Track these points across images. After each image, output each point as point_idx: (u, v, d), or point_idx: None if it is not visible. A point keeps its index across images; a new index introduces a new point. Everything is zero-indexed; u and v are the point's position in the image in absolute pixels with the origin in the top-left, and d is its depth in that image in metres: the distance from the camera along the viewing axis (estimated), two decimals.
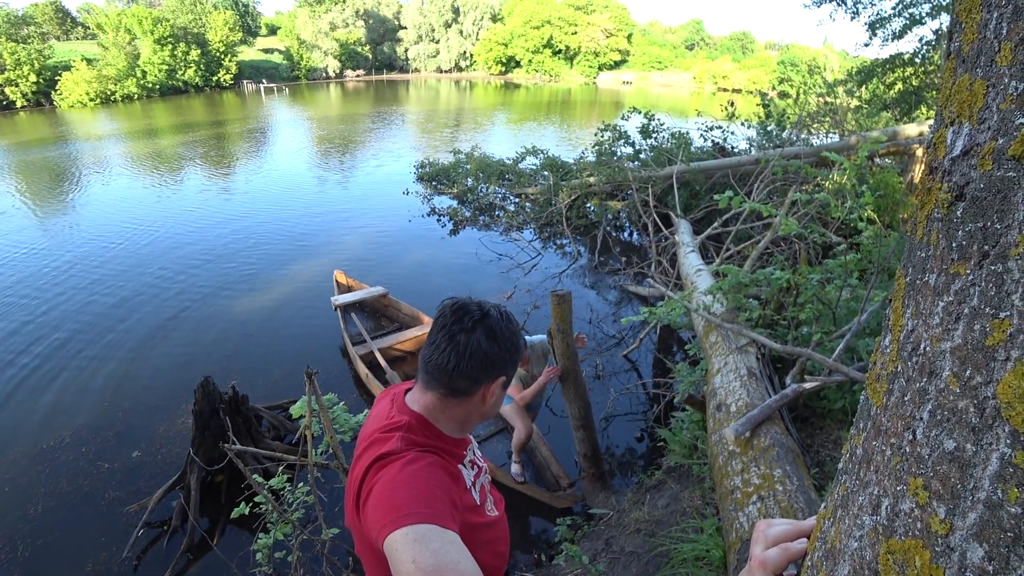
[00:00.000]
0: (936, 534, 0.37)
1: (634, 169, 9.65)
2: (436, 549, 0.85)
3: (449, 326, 1.14)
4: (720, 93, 50.42)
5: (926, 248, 0.42)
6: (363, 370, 5.17)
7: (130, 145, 19.44)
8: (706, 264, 6.06)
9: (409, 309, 6.44)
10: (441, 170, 13.22)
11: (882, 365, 0.47)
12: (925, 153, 0.45)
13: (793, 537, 0.63)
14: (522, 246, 9.22)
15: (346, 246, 9.21)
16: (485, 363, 1.13)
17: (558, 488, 4.00)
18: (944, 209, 0.39)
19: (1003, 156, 0.34)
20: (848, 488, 0.50)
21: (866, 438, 0.48)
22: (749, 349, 3.65)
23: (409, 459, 1.03)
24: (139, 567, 3.49)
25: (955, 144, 0.39)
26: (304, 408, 2.76)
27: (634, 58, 71.17)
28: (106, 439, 4.56)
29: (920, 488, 0.38)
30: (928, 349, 0.40)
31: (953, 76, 0.40)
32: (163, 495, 3.83)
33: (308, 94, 44.55)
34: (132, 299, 7.10)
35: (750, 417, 2.77)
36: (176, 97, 40.12)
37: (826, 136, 11.02)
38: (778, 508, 2.25)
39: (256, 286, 7.56)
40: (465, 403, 1.17)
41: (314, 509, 2.80)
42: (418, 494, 0.95)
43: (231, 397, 3.93)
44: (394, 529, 0.88)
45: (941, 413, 0.38)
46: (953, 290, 0.37)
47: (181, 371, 5.50)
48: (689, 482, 3.39)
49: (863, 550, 0.44)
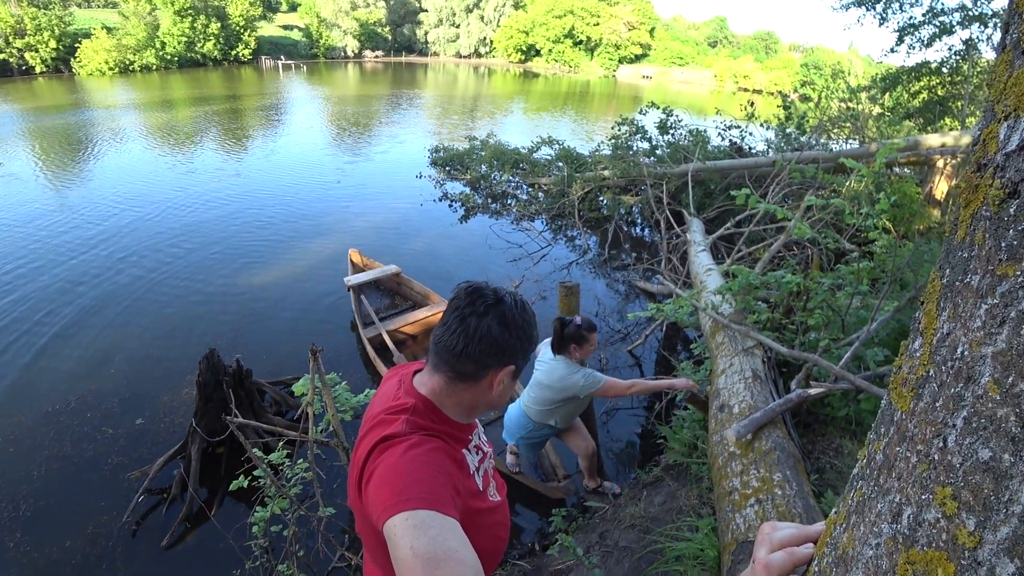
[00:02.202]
0: (963, 547, 0.35)
1: (649, 165, 9.58)
2: (435, 536, 0.84)
3: (462, 308, 1.13)
4: (740, 93, 49.87)
5: (969, 248, 0.40)
6: (371, 352, 5.22)
7: (146, 115, 19.49)
8: (717, 264, 6.02)
9: (421, 288, 6.48)
10: (455, 156, 13.17)
11: (910, 369, 0.45)
12: (969, 152, 0.43)
13: (799, 541, 0.61)
14: (532, 236, 9.18)
15: (357, 227, 9.20)
16: (494, 349, 1.11)
17: (554, 478, 4.00)
18: (994, 207, 0.37)
19: None
20: (865, 494, 0.48)
21: (888, 444, 0.46)
22: (755, 351, 3.63)
23: (413, 443, 1.03)
24: (138, 532, 3.53)
25: (1010, 139, 0.37)
26: (307, 386, 2.77)
27: (655, 53, 70.41)
28: (111, 405, 4.60)
29: (948, 498, 0.37)
30: (966, 353, 0.38)
31: (1010, 69, 0.38)
32: (164, 463, 3.87)
33: (326, 73, 44.44)
34: (143, 270, 7.14)
35: (753, 419, 2.75)
36: (194, 70, 40.10)
37: (846, 142, 10.88)
38: (776, 512, 2.24)
39: (266, 262, 7.58)
40: (472, 388, 1.15)
41: (312, 486, 2.82)
42: (420, 479, 0.95)
43: (235, 370, 3.95)
44: (394, 513, 0.88)
45: (977, 420, 0.36)
46: (999, 292, 0.36)
47: (188, 342, 5.54)
48: (687, 481, 3.38)
49: (879, 559, 0.43)
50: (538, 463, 4.20)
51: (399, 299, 6.66)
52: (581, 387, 3.15)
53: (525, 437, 3.46)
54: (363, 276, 6.43)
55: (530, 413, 3.36)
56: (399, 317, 5.90)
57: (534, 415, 3.35)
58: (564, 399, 3.24)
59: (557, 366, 3.20)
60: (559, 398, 3.23)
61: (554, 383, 3.20)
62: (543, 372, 3.27)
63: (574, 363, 3.20)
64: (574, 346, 3.18)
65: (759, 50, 73.58)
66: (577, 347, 3.18)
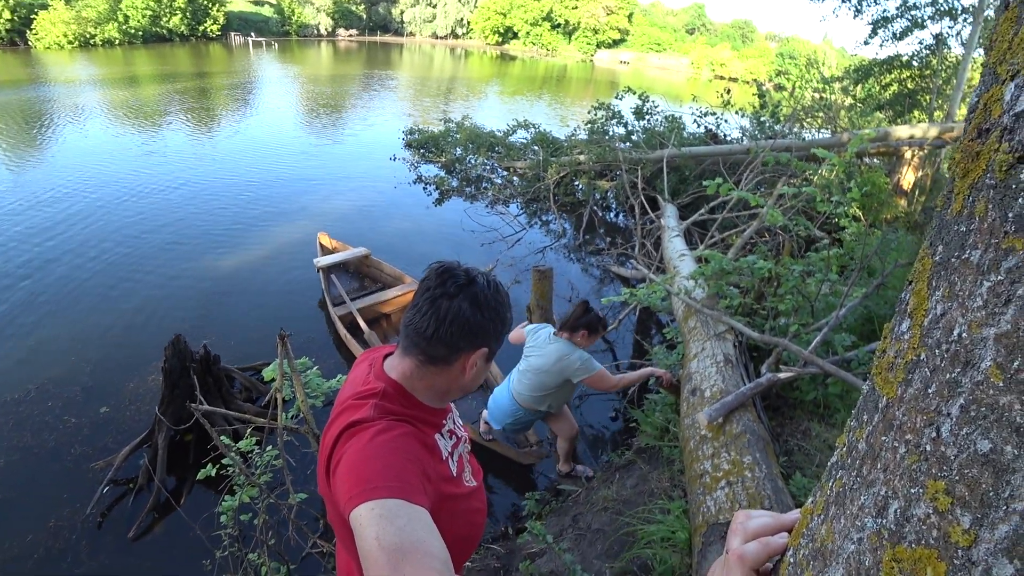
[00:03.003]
0: (956, 545, 0.33)
1: (625, 150, 9.57)
2: (402, 526, 0.81)
3: (433, 289, 1.09)
4: (717, 80, 50.16)
5: (968, 222, 0.36)
6: (342, 331, 5.15)
7: (109, 92, 18.68)
8: (690, 250, 6.06)
9: (391, 269, 6.43)
10: (430, 138, 12.98)
11: (897, 353, 0.42)
12: (965, 121, 0.40)
13: (774, 531, 0.59)
14: (507, 220, 9.12)
15: (328, 209, 9.01)
16: (466, 331, 1.08)
17: (526, 444, 4.02)
18: (1000, 173, 0.33)
19: None
20: (846, 485, 0.45)
21: (872, 432, 0.43)
22: (727, 336, 3.66)
23: (380, 428, 0.99)
24: (103, 524, 3.41)
25: (1019, 99, 0.33)
26: (276, 371, 2.70)
27: (633, 38, 70.28)
28: (73, 394, 4.42)
29: (941, 492, 0.34)
30: (964, 335, 0.35)
31: (1016, 26, 0.35)
32: (130, 453, 3.74)
33: (298, 51, 43.32)
34: (104, 253, 6.85)
35: (724, 403, 2.77)
36: (159, 45, 38.65)
37: (818, 131, 11.04)
38: (746, 494, 2.26)
39: (235, 246, 7.36)
40: (444, 372, 1.12)
41: (282, 473, 2.76)
42: (387, 466, 0.92)
43: (202, 356, 3.83)
44: (360, 503, 0.85)
45: (976, 409, 0.33)
46: (1004, 268, 0.32)
47: (154, 328, 5.35)
48: (659, 464, 3.41)
49: (862, 554, 0.40)
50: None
51: (368, 281, 6.59)
52: (576, 369, 3.14)
53: (512, 424, 3.42)
54: (332, 258, 6.38)
55: (521, 400, 3.31)
56: (370, 297, 5.85)
57: (526, 402, 3.30)
58: (559, 384, 3.21)
59: (555, 348, 3.19)
60: (555, 383, 3.20)
61: (551, 366, 3.17)
62: (538, 357, 3.23)
63: (573, 346, 3.20)
64: (584, 332, 3.18)
65: (736, 38, 74.03)
66: (587, 335, 3.19)
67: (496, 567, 2.97)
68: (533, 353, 3.27)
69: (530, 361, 3.28)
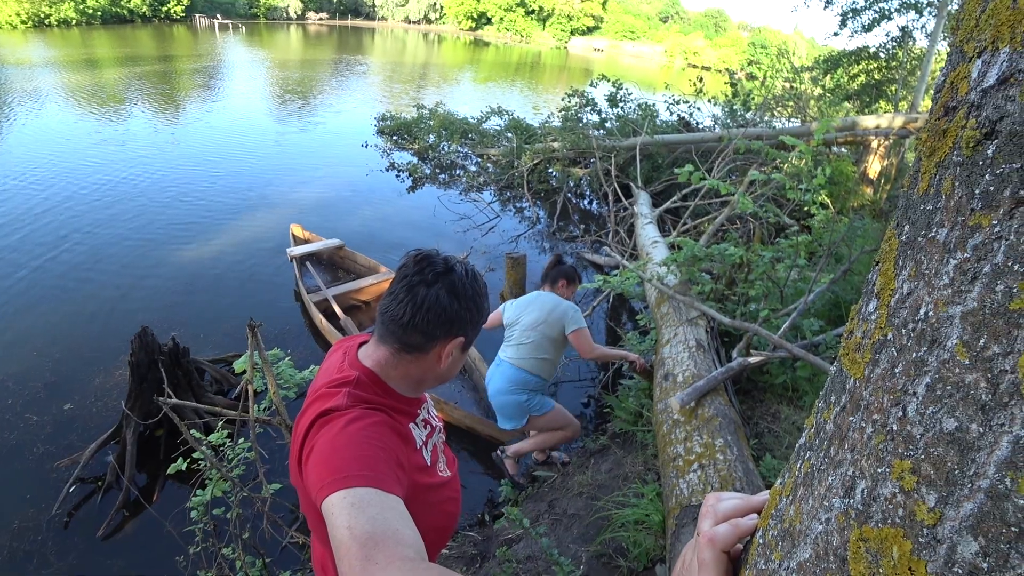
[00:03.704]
0: (921, 523, 0.33)
1: (598, 137, 9.59)
2: (374, 515, 0.79)
3: (410, 277, 1.09)
4: (690, 69, 50.48)
5: (934, 200, 0.36)
6: (318, 317, 5.10)
7: (66, 76, 17.88)
8: (663, 236, 6.11)
9: (366, 260, 6.38)
10: (402, 124, 12.81)
11: (864, 333, 0.42)
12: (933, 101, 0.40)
13: (743, 512, 0.59)
14: (481, 207, 9.07)
15: (299, 198, 8.83)
16: (442, 319, 1.07)
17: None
18: (968, 150, 0.33)
19: None
20: (813, 466, 0.46)
21: (839, 413, 0.43)
22: (699, 322, 3.71)
23: (353, 416, 0.98)
24: (70, 524, 3.30)
25: (986, 74, 0.33)
26: (247, 363, 2.64)
27: (607, 25, 70.20)
28: (35, 391, 4.26)
29: (907, 471, 0.34)
30: (931, 314, 0.34)
31: (983, 4, 0.35)
32: (96, 450, 3.63)
33: (266, 34, 42.25)
34: (65, 245, 6.58)
35: (696, 388, 2.81)
36: (119, 26, 37.24)
37: (788, 120, 11.21)
38: (718, 476, 2.31)
39: (203, 236, 7.16)
40: (419, 361, 1.11)
41: (255, 466, 2.71)
42: (360, 455, 0.90)
43: (171, 349, 3.73)
44: (332, 491, 0.83)
45: (942, 388, 0.33)
46: (971, 245, 0.32)
47: (119, 321, 5.17)
48: (633, 448, 3.45)
49: (830, 534, 0.40)
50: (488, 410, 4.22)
51: (343, 272, 6.52)
52: (571, 317, 3.19)
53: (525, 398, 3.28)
54: (305, 247, 6.31)
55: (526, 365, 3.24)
56: (345, 285, 5.81)
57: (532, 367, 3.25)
58: (557, 335, 3.22)
59: (546, 298, 3.25)
60: (554, 334, 3.21)
61: (548, 316, 3.20)
62: (531, 312, 3.26)
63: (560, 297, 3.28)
64: (564, 282, 3.27)
65: (709, 27, 74.54)
66: (567, 284, 3.27)
67: (473, 554, 2.98)
68: (522, 315, 3.29)
69: (523, 321, 3.27)
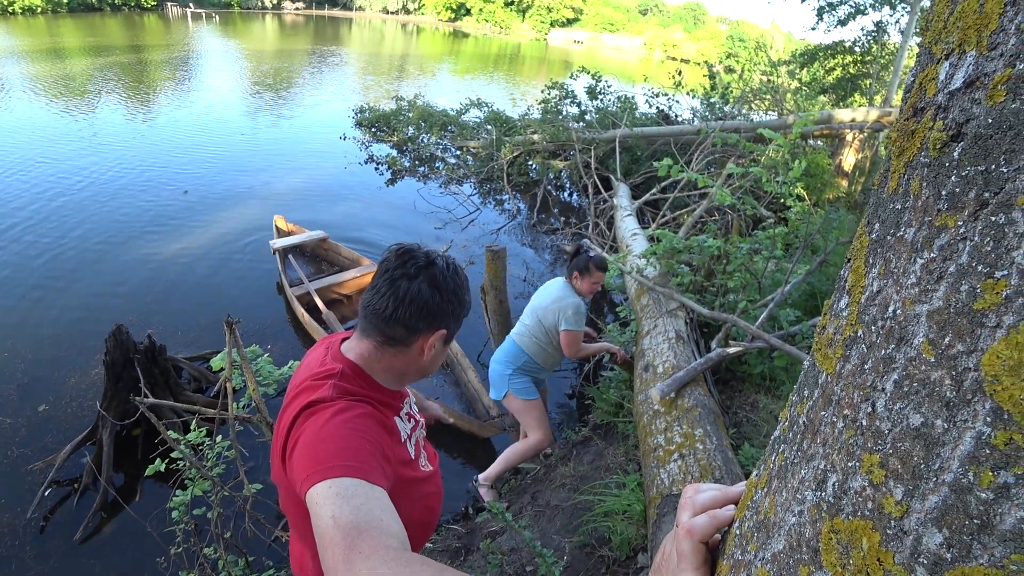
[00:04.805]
0: (889, 516, 0.33)
1: (578, 130, 9.60)
2: (358, 506, 0.79)
3: (392, 271, 1.10)
4: (669, 62, 50.70)
5: (903, 199, 0.37)
6: (300, 311, 5.06)
7: (32, 66, 17.28)
8: (642, 229, 6.15)
9: (349, 252, 6.35)
10: (381, 116, 12.68)
11: (836, 329, 0.43)
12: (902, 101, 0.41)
13: (721, 504, 0.60)
14: (461, 200, 9.03)
15: (276, 192, 8.69)
16: (424, 312, 1.09)
17: (487, 417, 4.07)
18: (934, 152, 0.34)
19: (1020, 85, 0.29)
20: (787, 459, 0.47)
21: (812, 407, 0.44)
22: (679, 313, 3.75)
23: (339, 408, 0.98)
24: (47, 527, 3.23)
25: (953, 77, 0.34)
26: (225, 360, 2.61)
27: (587, 17, 70.13)
28: (7, 392, 4.14)
29: (876, 465, 0.35)
30: (899, 312, 0.35)
31: (951, 5, 0.35)
32: (72, 451, 3.55)
33: (241, 24, 41.41)
34: (36, 241, 6.39)
35: (676, 378, 2.84)
36: (88, 15, 36.13)
37: (766, 113, 11.34)
38: (698, 466, 2.34)
39: (178, 231, 7.00)
40: (402, 354, 1.12)
41: (236, 464, 2.68)
42: (346, 446, 0.90)
43: (147, 347, 3.66)
44: (316, 481, 0.83)
45: (909, 384, 0.34)
46: (937, 245, 0.33)
47: (93, 320, 5.03)
48: (614, 439, 3.48)
49: (803, 526, 0.41)
50: (470, 406, 4.26)
51: (326, 265, 6.48)
52: (570, 315, 3.15)
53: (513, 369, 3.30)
54: (289, 240, 6.26)
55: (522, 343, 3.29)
56: (328, 278, 5.78)
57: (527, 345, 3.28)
58: (552, 325, 3.21)
59: (557, 287, 3.24)
60: (550, 322, 3.21)
61: (549, 303, 3.20)
62: (540, 297, 3.29)
63: (572, 291, 3.24)
64: (576, 274, 3.22)
65: (688, 20, 74.90)
66: (579, 276, 3.21)
67: (457, 547, 2.99)
68: (534, 297, 3.35)
69: (531, 303, 3.33)
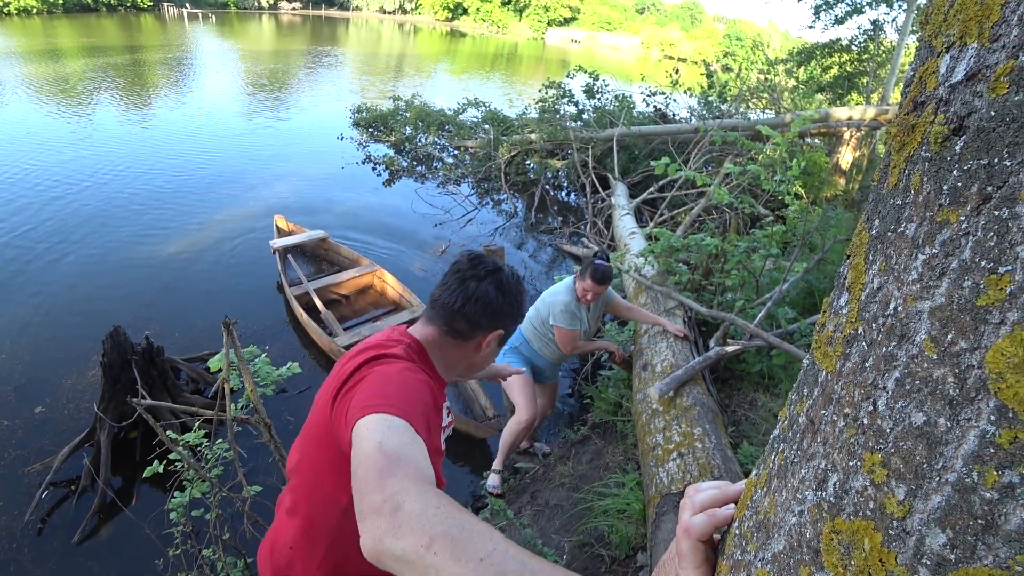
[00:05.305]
0: (891, 516, 0.33)
1: (576, 129, 9.59)
2: (405, 442, 0.84)
3: (463, 272, 1.23)
4: (666, 60, 50.73)
5: (903, 195, 0.36)
6: (299, 310, 5.07)
7: (29, 67, 17.17)
8: (640, 228, 6.15)
9: (349, 252, 6.35)
10: (378, 116, 12.65)
11: (836, 327, 0.42)
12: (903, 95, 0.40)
13: (720, 503, 0.60)
14: (459, 200, 9.01)
15: (274, 193, 8.65)
16: (488, 311, 1.21)
17: (484, 419, 4.08)
18: (936, 145, 0.33)
19: (1023, 77, 0.28)
20: (787, 458, 0.46)
21: (812, 406, 0.44)
22: (677, 312, 3.75)
23: (408, 367, 1.09)
24: (44, 530, 3.22)
25: (954, 70, 0.33)
26: (222, 361, 2.60)
27: (584, 16, 70.13)
28: (3, 394, 4.11)
29: (877, 465, 0.34)
30: (900, 309, 0.35)
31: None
32: (70, 453, 3.53)
33: (238, 24, 41.31)
34: (32, 243, 6.35)
35: (675, 377, 2.84)
36: (84, 15, 35.96)
37: (763, 112, 11.34)
38: (697, 465, 2.34)
39: (176, 232, 6.98)
40: (461, 347, 1.24)
41: (234, 465, 2.67)
42: (406, 396, 0.98)
43: (144, 348, 3.65)
44: (375, 411, 0.90)
45: (911, 382, 0.33)
46: (939, 241, 0.32)
47: (91, 321, 4.99)
48: (613, 438, 3.48)
49: (803, 526, 0.41)
50: (467, 407, 4.27)
51: (326, 265, 6.48)
52: (558, 313, 3.14)
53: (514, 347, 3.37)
54: (289, 239, 6.26)
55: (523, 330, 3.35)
56: (327, 278, 5.78)
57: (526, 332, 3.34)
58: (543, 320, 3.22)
59: (565, 282, 3.25)
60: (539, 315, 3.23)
61: (544, 297, 3.25)
62: (550, 287, 3.34)
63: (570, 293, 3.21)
64: (578, 275, 3.22)
65: (685, 19, 74.95)
66: (578, 278, 3.21)
67: None
68: (546, 291, 3.38)
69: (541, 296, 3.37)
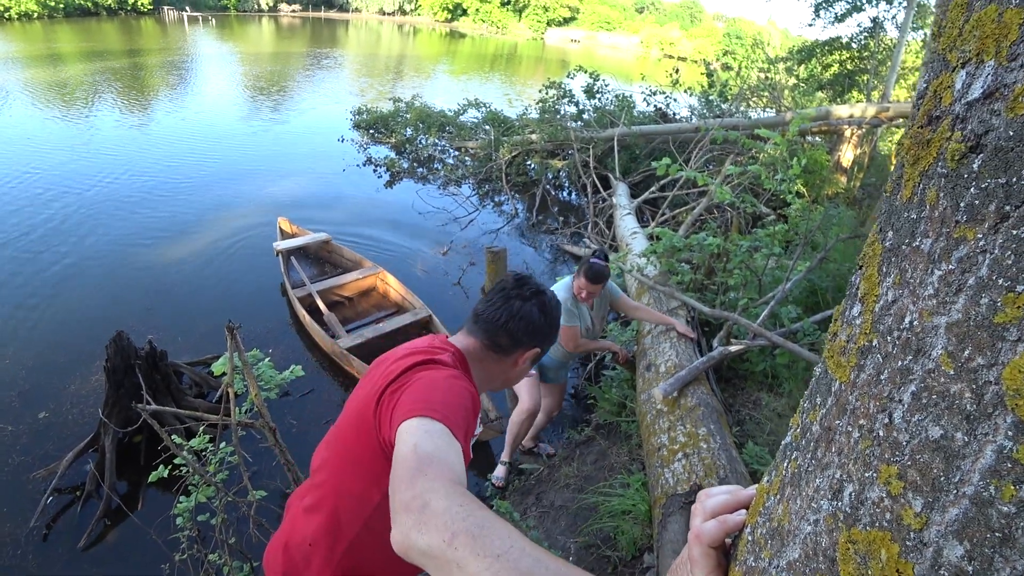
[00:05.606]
0: (908, 527, 0.33)
1: (576, 129, 9.59)
2: (441, 445, 0.88)
3: (508, 290, 1.30)
4: (666, 60, 50.69)
5: (918, 209, 0.37)
6: (302, 312, 5.09)
7: (30, 71, 17.21)
8: (641, 227, 6.15)
9: (351, 254, 6.38)
10: (379, 118, 12.65)
11: (849, 338, 0.43)
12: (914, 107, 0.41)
13: (732, 508, 0.60)
14: (460, 201, 9.01)
15: (275, 195, 8.66)
16: (529, 329, 1.27)
17: (486, 420, 4.06)
18: (952, 163, 0.34)
19: None
20: (801, 467, 0.46)
21: (825, 415, 0.44)
22: (679, 312, 3.75)
23: (455, 375, 1.13)
24: (49, 536, 3.22)
25: (971, 87, 0.33)
26: (226, 365, 2.60)
27: (583, 16, 70.11)
28: (8, 400, 4.12)
29: (894, 477, 0.35)
30: (916, 323, 0.35)
31: (966, 12, 0.35)
32: (74, 459, 3.53)
33: (237, 27, 41.35)
34: (35, 247, 6.36)
35: (679, 377, 2.84)
36: (84, 19, 36.00)
37: (764, 110, 11.33)
38: (702, 465, 2.34)
39: (177, 235, 6.99)
40: (500, 361, 1.29)
41: (239, 469, 2.67)
42: (450, 402, 1.02)
43: (148, 352, 3.65)
44: (417, 415, 0.94)
45: (928, 396, 0.33)
46: (956, 257, 0.33)
47: (94, 326, 5.00)
48: (617, 439, 3.48)
49: (819, 535, 0.41)
50: None
51: (329, 267, 6.51)
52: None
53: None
54: (293, 242, 6.29)
55: None
56: (330, 280, 5.81)
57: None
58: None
59: (566, 280, 3.31)
60: None
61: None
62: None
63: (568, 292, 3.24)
64: (574, 275, 3.26)
65: (684, 18, 74.88)
66: (575, 278, 3.25)
67: None
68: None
69: None
